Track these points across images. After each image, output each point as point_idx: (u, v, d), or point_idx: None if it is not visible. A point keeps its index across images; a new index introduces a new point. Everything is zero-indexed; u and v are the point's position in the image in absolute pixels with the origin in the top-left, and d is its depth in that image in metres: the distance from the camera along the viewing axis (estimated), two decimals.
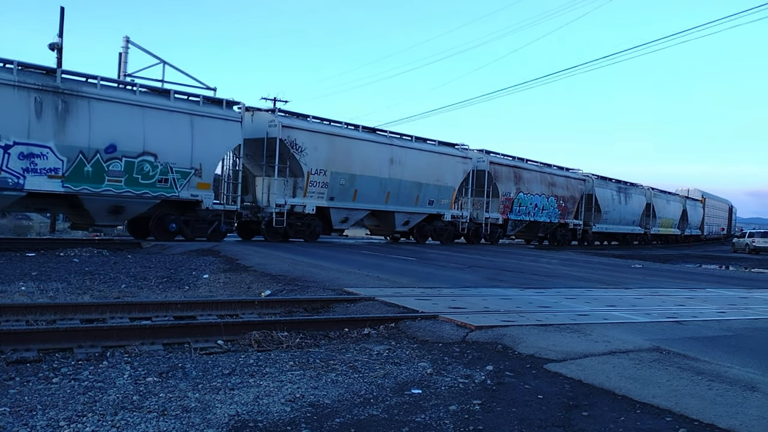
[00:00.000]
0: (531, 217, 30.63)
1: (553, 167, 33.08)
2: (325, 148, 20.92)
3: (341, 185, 21.49)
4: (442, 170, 25.30)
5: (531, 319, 7.25)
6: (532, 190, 30.54)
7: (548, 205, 31.65)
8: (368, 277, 11.13)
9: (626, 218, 39.62)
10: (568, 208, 33.39)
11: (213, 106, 18.02)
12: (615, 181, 38.82)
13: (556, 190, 32.40)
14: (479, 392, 4.49)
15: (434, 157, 25.12)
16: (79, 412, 3.71)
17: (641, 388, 4.57)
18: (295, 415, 3.84)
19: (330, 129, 21.50)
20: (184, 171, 17.24)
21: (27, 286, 9.28)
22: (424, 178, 24.51)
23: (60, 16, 23.33)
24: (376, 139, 23.06)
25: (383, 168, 22.88)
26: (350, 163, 21.68)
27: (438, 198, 25.22)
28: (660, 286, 13.06)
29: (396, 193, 23.43)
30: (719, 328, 7.49)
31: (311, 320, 6.74)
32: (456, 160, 26.04)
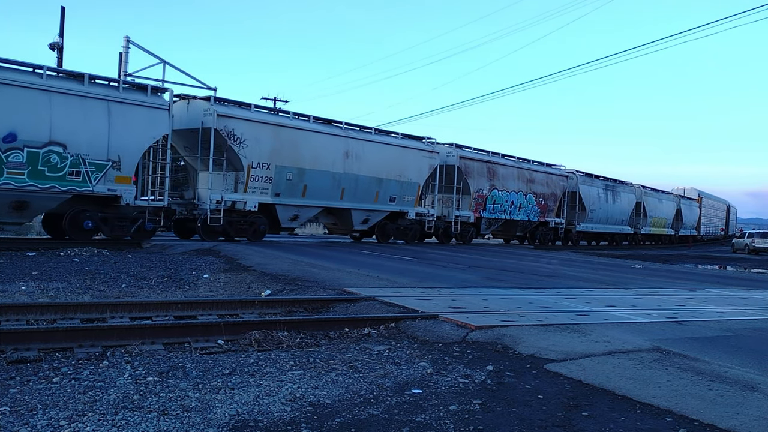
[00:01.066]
0: (507, 215, 29.16)
1: (533, 163, 31.49)
2: (269, 139, 19.29)
3: (288, 180, 19.85)
4: (405, 165, 23.68)
5: (531, 319, 7.25)
6: (508, 187, 28.99)
7: (526, 203, 30.11)
8: (368, 277, 11.14)
9: (614, 217, 38.32)
10: (549, 206, 31.88)
11: (136, 92, 16.29)
12: (602, 179, 37.54)
13: (535, 186, 30.82)
14: (479, 392, 4.49)
15: (396, 150, 23.45)
16: (79, 411, 3.71)
17: (641, 388, 4.57)
18: (295, 415, 3.84)
19: (275, 119, 19.88)
20: (100, 163, 15.50)
21: (27, 285, 9.29)
22: (385, 173, 22.87)
23: (60, 15, 23.34)
24: (329, 131, 21.26)
25: (337, 162, 21.22)
26: (299, 157, 20.07)
27: (400, 194, 23.62)
28: (660, 287, 13.06)
29: (352, 189, 21.78)
30: (719, 328, 7.50)
31: (311, 320, 6.74)
32: (421, 154, 24.46)
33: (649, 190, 44.07)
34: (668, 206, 47.57)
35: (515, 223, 30.22)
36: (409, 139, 24.40)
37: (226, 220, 18.44)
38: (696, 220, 56.85)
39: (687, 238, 53.96)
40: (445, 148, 26.23)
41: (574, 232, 34.64)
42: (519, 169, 29.96)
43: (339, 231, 24.41)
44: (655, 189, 45.73)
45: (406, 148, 23.89)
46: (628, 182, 40.94)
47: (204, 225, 18.27)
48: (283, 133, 19.73)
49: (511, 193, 29.19)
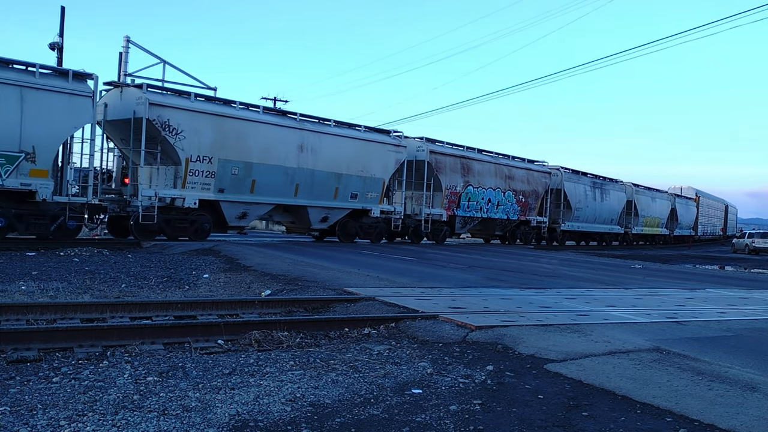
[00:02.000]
0: (483, 213, 27.52)
1: (512, 158, 29.90)
2: (211, 131, 17.77)
3: (233, 175, 18.34)
4: (368, 159, 22.14)
5: (531, 319, 7.25)
6: (484, 184, 27.35)
7: (505, 201, 28.53)
8: (368, 277, 11.14)
9: (603, 216, 36.60)
10: (530, 204, 30.38)
11: (55, 78, 15.03)
12: (590, 176, 35.87)
13: (515, 183, 29.19)
14: (479, 392, 4.49)
15: (358, 144, 21.91)
16: (79, 411, 3.71)
17: (641, 389, 4.57)
18: (295, 415, 3.84)
19: (218, 109, 18.17)
20: (11, 155, 14.22)
21: (27, 285, 9.28)
22: (345, 168, 21.40)
23: (60, 15, 23.33)
24: (280, 122, 19.74)
25: (290, 155, 19.73)
26: (246, 150, 18.58)
27: (363, 191, 22.12)
28: (660, 287, 13.07)
29: (308, 184, 20.31)
30: (719, 328, 7.50)
31: (311, 320, 6.74)
32: (386, 148, 22.88)
33: (642, 189, 42.69)
34: (662, 205, 46.06)
35: (493, 221, 28.82)
36: (373, 132, 22.96)
37: (163, 218, 17.11)
38: (693, 220, 55.34)
39: (683, 238, 52.76)
40: (415, 143, 24.90)
41: (558, 231, 33.04)
42: (497, 165, 28.42)
43: (297, 230, 23.13)
44: (648, 187, 44.38)
45: (370, 142, 22.36)
46: (619, 180, 39.62)
47: (137, 224, 16.80)
48: (227, 124, 18.20)
49: (488, 190, 27.62)
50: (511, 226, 30.25)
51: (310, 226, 21.53)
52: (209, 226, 18.34)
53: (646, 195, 43.11)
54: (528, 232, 31.38)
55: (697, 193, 58.06)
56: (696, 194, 57.44)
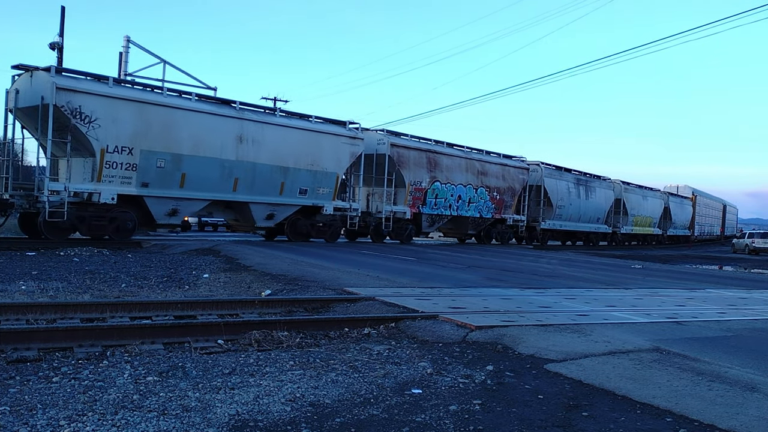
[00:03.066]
0: (453, 211, 25.97)
1: (486, 153, 28.14)
2: (132, 119, 16.09)
3: (159, 168, 16.63)
4: (319, 152, 20.53)
5: (531, 319, 7.25)
6: (454, 180, 25.78)
7: (477, 198, 26.94)
8: (368, 277, 11.14)
9: (588, 215, 34.88)
10: (506, 201, 28.78)
11: None
12: (574, 173, 34.08)
13: (489, 180, 27.63)
14: (479, 392, 4.49)
15: (308, 136, 20.27)
16: (79, 411, 3.71)
17: (641, 389, 4.57)
18: (295, 415, 3.84)
19: (140, 95, 16.45)
20: None
21: (27, 285, 9.28)
22: (293, 161, 19.82)
23: (60, 15, 23.35)
24: (216, 111, 17.98)
25: (228, 147, 18.10)
26: (174, 140, 16.88)
27: (314, 186, 20.52)
28: (660, 287, 13.07)
29: (248, 179, 18.69)
30: (719, 328, 7.50)
31: (311, 320, 6.74)
32: (340, 140, 21.22)
33: (633, 187, 41.02)
34: (654, 204, 44.08)
35: (465, 220, 27.08)
36: (326, 123, 21.31)
37: (77, 215, 15.61)
38: (688, 220, 53.42)
39: (678, 238, 51.23)
40: (375, 135, 23.33)
41: (538, 229, 31.29)
42: (468, 160, 26.72)
43: (242, 228, 21.44)
44: (640, 185, 42.56)
45: (321, 134, 20.73)
46: (606, 177, 37.83)
47: (45, 221, 15.16)
48: (151, 112, 16.48)
49: (457, 186, 25.95)
50: (485, 225, 28.55)
51: (255, 224, 19.87)
52: (133, 224, 16.69)
53: (637, 193, 41.42)
54: (504, 232, 29.78)
55: (694, 192, 56.20)
56: (693, 193, 55.61)
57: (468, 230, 28.21)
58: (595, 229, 36.38)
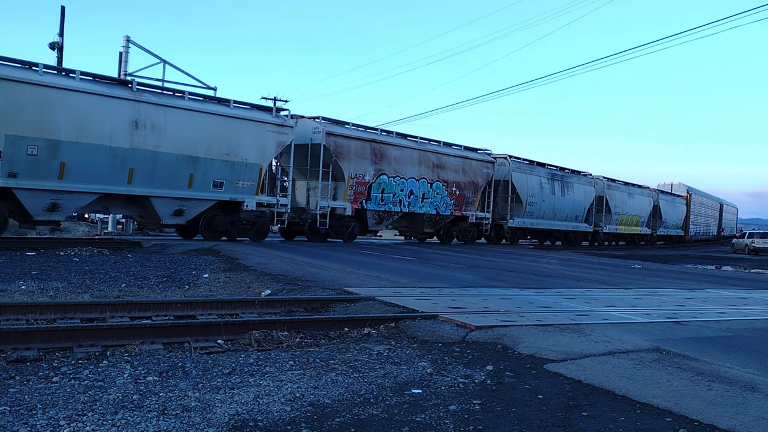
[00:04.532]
0: (404, 207, 23.84)
1: (443, 145, 26.04)
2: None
3: (31, 156, 14.59)
4: (237, 141, 18.32)
5: (531, 319, 7.25)
6: (404, 173, 23.74)
7: (432, 193, 24.89)
8: (368, 277, 11.14)
9: (564, 212, 32.56)
10: (468, 197, 26.61)
11: None
12: (548, 167, 31.94)
13: (446, 173, 25.56)
14: (479, 392, 4.49)
15: (223, 122, 17.95)
16: (79, 411, 3.71)
17: (641, 389, 4.57)
18: (295, 415, 3.84)
19: (8, 72, 14.37)
20: None
21: (27, 285, 9.28)
22: (204, 150, 17.57)
23: (60, 15, 23.36)
24: (105, 92, 15.80)
25: (120, 133, 15.91)
26: (50, 124, 14.81)
27: (231, 179, 18.32)
28: (660, 287, 13.07)
29: (148, 170, 16.46)
30: (719, 328, 7.50)
31: (311, 320, 6.74)
32: (265, 128, 19.05)
33: (618, 183, 39.08)
34: (642, 202, 41.88)
35: (419, 217, 25.04)
36: (248, 109, 19.08)
37: None
38: (681, 219, 51.00)
39: (669, 238, 49.47)
40: (309, 123, 21.30)
41: (505, 228, 29.31)
42: (421, 152, 24.66)
43: (149, 225, 19.40)
44: (626, 182, 40.50)
45: (240, 120, 18.44)
46: (587, 173, 35.50)
47: None
48: (22, 91, 14.46)
49: (408, 180, 23.88)
50: (444, 223, 26.47)
51: (160, 221, 17.63)
52: (3, 220, 14.90)
53: (621, 190, 39.24)
54: (467, 230, 27.53)
55: (689, 190, 53.84)
56: (687, 191, 53.23)
57: (424, 228, 26.13)
58: (573, 227, 34.22)
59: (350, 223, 22.35)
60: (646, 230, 43.65)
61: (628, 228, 40.64)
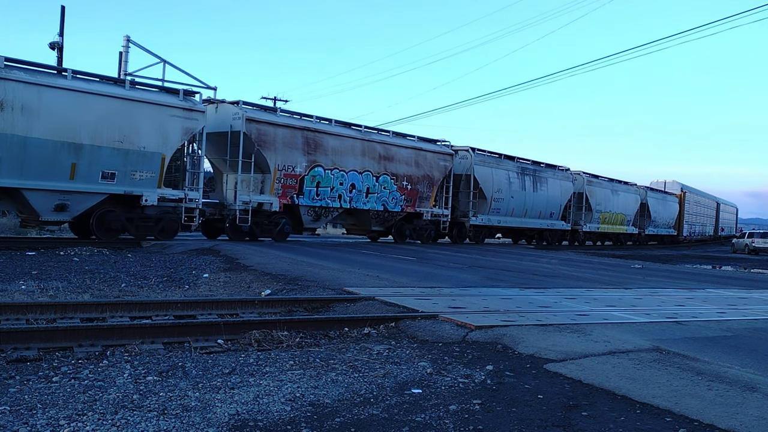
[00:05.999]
0: (344, 203, 21.78)
1: (393, 135, 24.06)
2: None
3: None
4: (134, 126, 16.08)
5: (531, 319, 7.25)
6: (344, 165, 21.72)
7: (379, 187, 22.79)
8: (368, 277, 11.14)
9: (537, 209, 30.47)
10: (422, 192, 24.55)
11: None
12: (518, 161, 29.89)
13: (396, 166, 23.49)
14: (479, 392, 4.49)
15: (115, 104, 15.74)
16: (79, 410, 3.71)
17: (641, 388, 4.57)
18: (295, 415, 3.84)
19: None
20: None
21: (27, 284, 9.28)
22: (89, 136, 15.35)
23: (60, 15, 23.36)
24: None
25: None
26: None
27: (126, 170, 16.02)
28: (659, 287, 13.07)
29: (16, 158, 14.37)
30: (719, 328, 7.50)
31: (311, 320, 6.74)
32: (168, 113, 16.77)
33: (602, 180, 37.20)
34: (627, 200, 39.71)
35: (365, 213, 22.99)
36: (147, 91, 16.88)
37: None
38: (673, 218, 48.85)
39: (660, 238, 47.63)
40: (229, 109, 19.26)
41: (468, 225, 27.14)
42: (365, 142, 22.51)
43: (30, 222, 16.91)
44: (611, 179, 38.52)
45: (137, 103, 16.23)
46: (564, 167, 33.29)
47: None
48: None
49: (349, 173, 21.84)
50: (395, 220, 24.35)
51: (40, 218, 15.47)
52: None
53: (604, 187, 37.10)
54: (423, 228, 25.49)
55: (683, 188, 51.54)
56: (681, 189, 51.03)
57: (372, 226, 23.93)
58: (548, 225, 32.04)
59: (280, 220, 20.38)
60: (632, 229, 41.59)
61: (612, 227, 38.70)
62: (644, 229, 43.38)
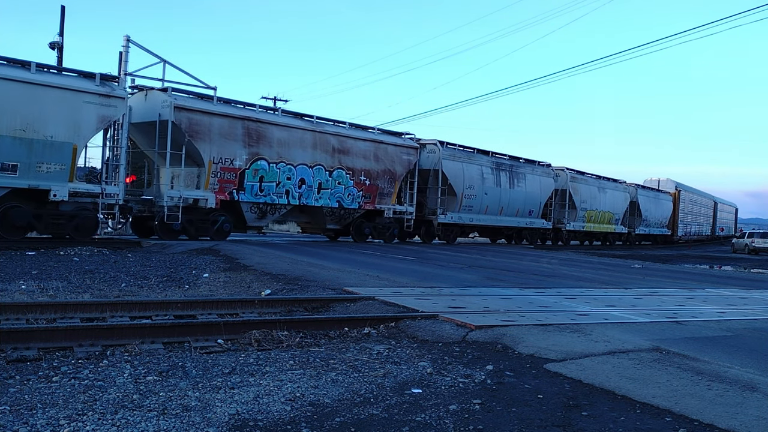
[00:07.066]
0: (292, 199, 20.30)
1: (350, 126, 22.41)
2: None
3: None
4: (39, 114, 14.63)
5: (531, 318, 7.25)
6: (292, 158, 20.18)
7: (333, 183, 21.36)
8: (368, 277, 11.14)
9: (514, 207, 28.93)
10: (382, 188, 23.00)
11: None
12: (493, 155, 28.31)
13: (352, 160, 22.00)
14: (479, 392, 4.49)
15: (14, 89, 14.36)
16: (79, 410, 3.71)
17: (641, 388, 4.57)
18: (295, 415, 3.84)
19: None
20: None
21: (27, 284, 9.28)
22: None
23: (60, 15, 23.35)
24: None
25: None
26: None
27: (30, 161, 14.58)
28: (659, 287, 13.07)
29: None
30: (719, 328, 7.50)
31: (311, 319, 6.74)
32: (80, 98, 15.24)
33: (587, 176, 35.44)
34: (615, 197, 37.93)
35: (317, 210, 21.50)
36: (56, 74, 15.57)
37: None
38: (666, 217, 47.13)
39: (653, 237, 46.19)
40: (158, 96, 17.72)
41: (436, 223, 25.52)
42: (316, 134, 20.98)
43: None
44: (598, 176, 36.86)
45: (42, 87, 14.76)
46: (545, 163, 31.63)
47: None
48: None
49: (298, 167, 20.33)
50: (352, 218, 22.75)
51: None
52: None
53: (590, 184, 35.44)
54: (384, 226, 23.71)
55: (677, 186, 49.81)
56: (676, 188, 49.28)
57: (327, 224, 22.41)
58: (527, 224, 30.52)
59: (219, 217, 18.74)
60: (621, 229, 39.69)
61: (599, 226, 36.85)
62: (634, 229, 41.92)
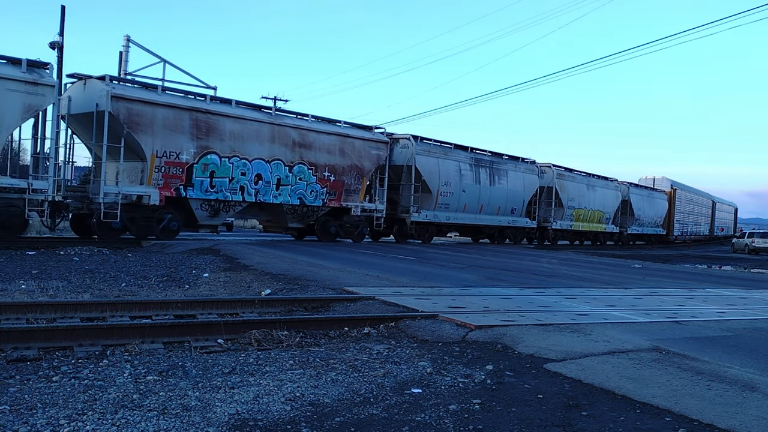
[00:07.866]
0: (248, 196, 19.17)
1: (313, 119, 21.18)
2: None
3: None
4: None
5: (531, 318, 7.25)
6: (248, 152, 19.01)
7: (293, 179, 20.25)
8: (368, 276, 11.14)
9: (496, 205, 27.83)
10: (349, 184, 21.96)
11: None
12: (472, 151, 27.14)
13: (315, 155, 20.85)
14: (479, 392, 4.49)
15: None
16: (79, 410, 3.72)
17: (641, 388, 4.57)
18: (295, 414, 3.84)
19: None
20: None
21: (27, 284, 9.29)
22: None
23: (60, 14, 23.35)
24: None
25: None
26: None
27: None
28: (659, 286, 13.07)
29: None
30: (719, 328, 7.50)
31: (311, 319, 6.74)
32: (2, 85, 14.34)
33: (576, 174, 34.43)
34: (605, 196, 36.79)
35: (277, 208, 20.43)
36: None
37: None
38: (661, 216, 46.03)
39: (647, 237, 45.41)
40: (96, 85, 16.52)
41: (409, 222, 24.34)
42: (274, 126, 19.82)
43: None
44: (588, 174, 35.80)
45: None
46: (529, 159, 30.47)
47: None
48: None
49: (254, 161, 19.18)
50: (316, 216, 21.65)
51: None
52: None
53: (579, 182, 34.25)
54: (352, 224, 22.62)
55: (673, 184, 48.53)
56: (671, 186, 48.03)
57: (288, 222, 21.26)
58: (510, 222, 29.34)
59: (165, 215, 17.62)
60: (612, 228, 38.56)
61: (588, 225, 35.68)
62: (626, 228, 40.93)
